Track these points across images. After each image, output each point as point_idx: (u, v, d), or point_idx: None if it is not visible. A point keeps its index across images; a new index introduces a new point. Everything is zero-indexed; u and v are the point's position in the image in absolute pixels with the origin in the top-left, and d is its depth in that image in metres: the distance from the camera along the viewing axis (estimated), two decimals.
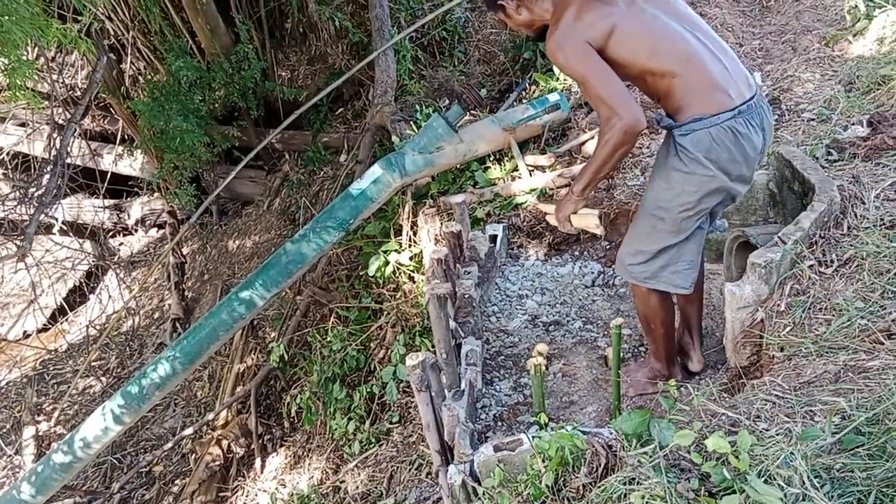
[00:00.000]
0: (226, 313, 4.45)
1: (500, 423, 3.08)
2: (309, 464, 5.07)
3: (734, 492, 1.82)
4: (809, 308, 2.66)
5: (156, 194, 9.29)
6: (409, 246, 4.82)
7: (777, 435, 2.10)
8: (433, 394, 2.84)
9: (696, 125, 2.54)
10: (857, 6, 4.89)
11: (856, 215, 2.99)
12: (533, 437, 2.30)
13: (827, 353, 2.48)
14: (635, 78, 2.63)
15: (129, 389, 4.62)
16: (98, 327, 8.09)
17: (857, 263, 2.75)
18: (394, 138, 5.37)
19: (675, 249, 2.78)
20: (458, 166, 4.96)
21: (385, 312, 4.80)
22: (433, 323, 3.04)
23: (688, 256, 2.80)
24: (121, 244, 9.68)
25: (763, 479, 1.83)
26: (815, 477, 1.84)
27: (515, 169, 4.80)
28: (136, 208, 9.55)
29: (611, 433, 2.23)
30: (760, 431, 2.16)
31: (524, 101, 5.50)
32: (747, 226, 3.43)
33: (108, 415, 4.66)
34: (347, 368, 4.83)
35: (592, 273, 4.03)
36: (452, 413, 2.82)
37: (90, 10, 6.43)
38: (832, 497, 1.78)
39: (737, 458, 1.85)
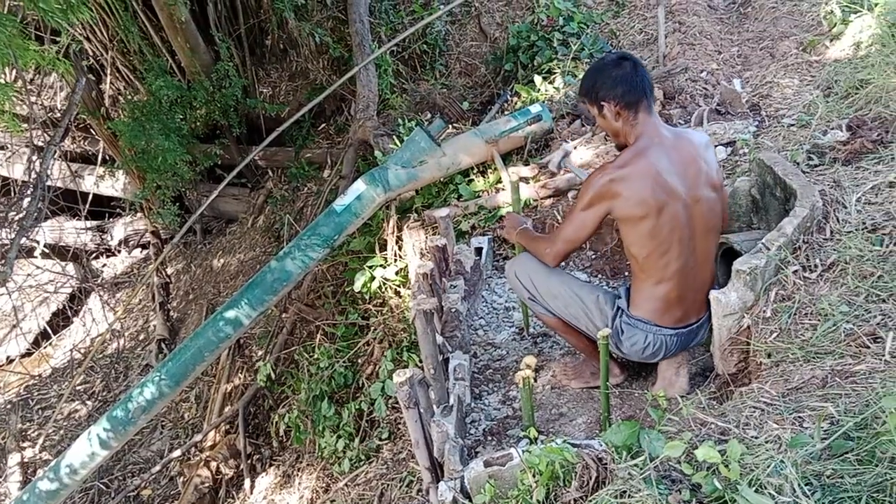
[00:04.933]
0: (211, 333, 4.41)
1: (489, 438, 3.06)
2: (299, 483, 5.02)
3: (725, 502, 1.81)
4: (795, 313, 2.67)
5: (138, 214, 9.24)
6: (395, 260, 4.80)
7: (767, 442, 2.10)
8: (422, 410, 2.81)
9: (640, 325, 2.90)
10: (832, 11, 4.93)
11: (838, 220, 3.00)
12: (523, 452, 2.28)
13: (814, 358, 2.48)
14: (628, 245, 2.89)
15: (114, 413, 4.56)
16: (82, 351, 8.01)
17: (840, 268, 2.75)
18: (376, 153, 5.36)
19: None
20: (441, 179, 4.95)
21: (372, 328, 4.77)
22: (420, 338, 3.02)
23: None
24: (104, 266, 9.60)
25: (754, 489, 1.82)
26: (806, 484, 1.84)
27: (499, 181, 4.80)
28: (119, 229, 9.49)
29: (601, 445, 2.21)
30: (750, 439, 2.16)
31: (506, 113, 5.51)
32: (731, 232, 3.44)
33: (94, 440, 4.60)
34: (335, 385, 4.80)
35: None
36: (441, 429, 2.80)
37: (68, 31, 6.40)
38: None
39: (727, 467, 1.84)
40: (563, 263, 4.17)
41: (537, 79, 5.69)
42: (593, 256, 4.15)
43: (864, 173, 3.31)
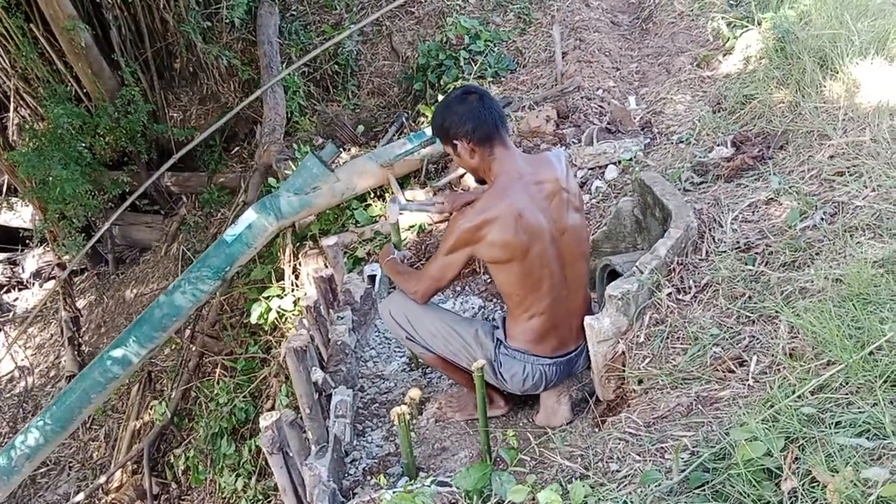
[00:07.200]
0: (98, 374, 4.22)
1: (369, 478, 2.94)
2: None
3: None
4: (668, 338, 2.62)
5: (49, 246, 8.91)
6: (293, 290, 4.66)
7: (625, 477, 2.04)
8: (292, 453, 2.70)
9: (517, 355, 2.84)
10: (720, 28, 4.97)
11: (714, 239, 2.98)
12: (381, 498, 2.19)
13: (681, 384, 2.43)
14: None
15: None
16: None
17: (713, 289, 2.72)
18: (270, 180, 5.23)
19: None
20: (338, 205, 4.84)
21: (271, 361, 4.63)
22: (293, 377, 2.90)
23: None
24: (16, 300, 9.21)
25: None
26: None
27: None
28: (31, 261, 9.12)
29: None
30: (612, 473, 2.10)
31: (404, 135, 5.44)
32: (617, 253, 3.40)
33: None
34: (236, 422, 4.63)
35: (473, 308, 3.95)
36: (314, 472, 2.69)
37: None
38: None
39: None
40: (454, 289, 4.11)
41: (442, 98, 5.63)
42: (488, 281, 4.07)
43: (744, 190, 3.31)
